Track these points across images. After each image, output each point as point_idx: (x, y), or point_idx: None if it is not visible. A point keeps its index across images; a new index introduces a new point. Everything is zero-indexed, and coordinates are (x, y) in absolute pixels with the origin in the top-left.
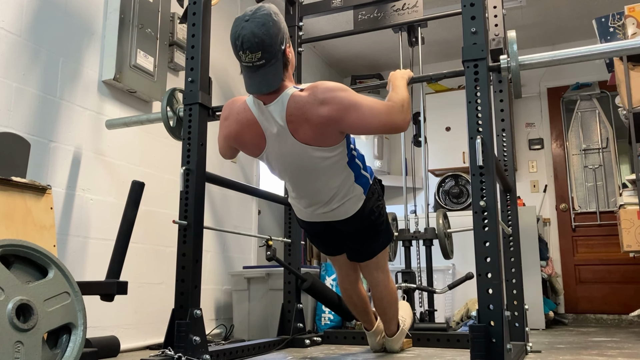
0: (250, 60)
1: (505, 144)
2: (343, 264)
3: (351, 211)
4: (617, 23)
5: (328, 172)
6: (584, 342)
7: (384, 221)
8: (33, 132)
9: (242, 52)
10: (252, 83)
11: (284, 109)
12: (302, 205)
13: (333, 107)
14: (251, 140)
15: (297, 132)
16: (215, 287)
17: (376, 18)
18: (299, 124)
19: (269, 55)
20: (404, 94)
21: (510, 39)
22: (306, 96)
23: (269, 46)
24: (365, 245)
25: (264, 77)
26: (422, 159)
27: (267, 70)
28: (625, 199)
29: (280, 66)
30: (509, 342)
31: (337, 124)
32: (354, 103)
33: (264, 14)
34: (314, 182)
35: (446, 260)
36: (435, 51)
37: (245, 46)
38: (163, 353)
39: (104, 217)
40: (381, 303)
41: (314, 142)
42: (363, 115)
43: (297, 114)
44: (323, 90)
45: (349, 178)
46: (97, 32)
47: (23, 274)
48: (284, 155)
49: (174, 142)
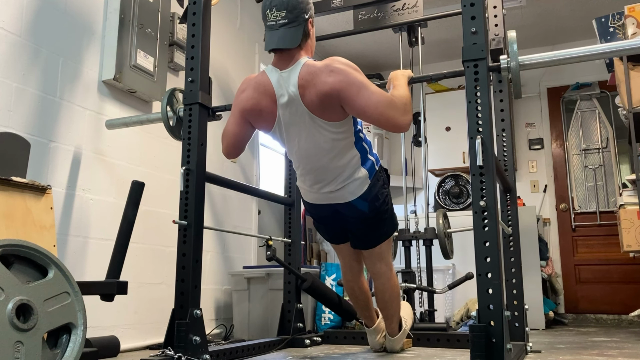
0: (275, 19)
1: (505, 144)
2: (347, 254)
3: (356, 193)
4: (617, 23)
5: (334, 149)
6: (584, 342)
7: (388, 209)
8: (33, 132)
9: (269, 11)
10: (271, 39)
11: (297, 74)
12: (307, 184)
13: (338, 78)
14: (266, 108)
15: (304, 97)
16: (215, 287)
17: (376, 18)
18: (307, 88)
19: (292, 16)
20: (405, 93)
21: (510, 39)
22: (320, 66)
23: (294, 8)
24: (369, 232)
25: (283, 34)
26: (422, 159)
27: (288, 29)
28: (625, 199)
29: (301, 31)
30: (509, 342)
31: (338, 96)
32: (359, 82)
33: None
34: (320, 159)
35: (446, 260)
36: (435, 51)
37: (274, 4)
38: (163, 353)
39: (104, 217)
40: (383, 296)
41: (318, 112)
42: (363, 96)
43: (308, 79)
44: (336, 62)
45: (354, 159)
46: (97, 32)
47: (23, 274)
48: (294, 125)
49: (174, 142)
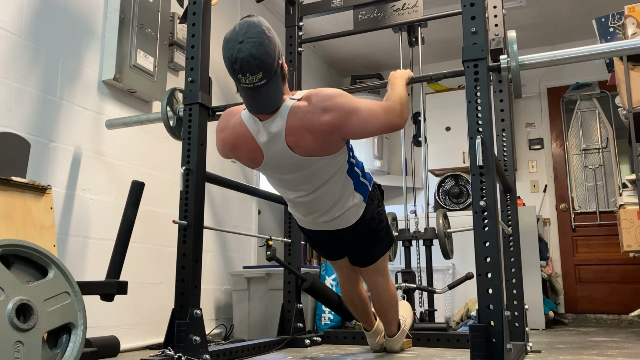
0: (251, 82)
1: (505, 144)
2: (344, 267)
3: (353, 219)
4: (617, 23)
5: (327, 181)
6: (584, 342)
7: (384, 227)
8: (33, 132)
9: (242, 75)
10: (254, 104)
11: (284, 122)
12: (300, 213)
13: (335, 114)
14: (248, 154)
15: (296, 145)
16: (215, 287)
17: (376, 18)
18: (300, 135)
19: (269, 75)
20: (401, 92)
21: (510, 39)
22: (306, 106)
23: (269, 65)
24: (367, 251)
25: (266, 96)
26: (422, 159)
27: (269, 89)
28: (625, 199)
29: (280, 82)
30: (509, 342)
31: (339, 130)
32: (354, 108)
33: (258, 32)
34: (313, 192)
35: (446, 260)
36: (435, 51)
37: (245, 69)
38: (163, 353)
39: (104, 217)
40: (380, 306)
41: (316, 152)
42: (363, 119)
43: (298, 125)
44: (324, 97)
45: (347, 186)
46: (97, 32)
47: (23, 274)
48: (282, 167)
49: (174, 142)
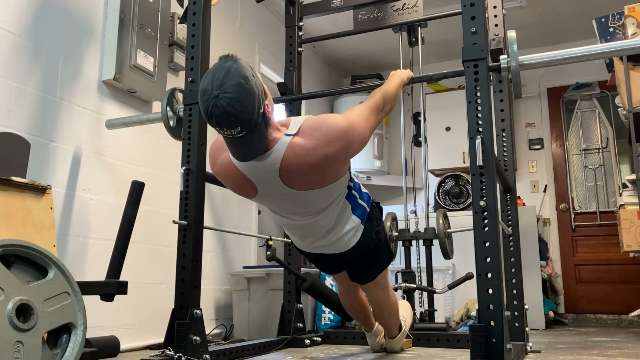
0: (230, 134)
1: (505, 144)
2: (344, 279)
3: (350, 244)
4: (617, 23)
5: (325, 208)
6: (584, 342)
7: (383, 245)
8: (33, 132)
9: (219, 128)
10: (237, 151)
11: (279, 160)
12: (296, 236)
13: (341, 141)
14: (240, 190)
15: (294, 181)
16: (215, 287)
17: (376, 18)
18: (300, 172)
19: (249, 127)
20: (388, 88)
21: (510, 39)
22: (307, 142)
23: (247, 120)
24: (366, 270)
25: (249, 145)
26: (422, 159)
27: (251, 138)
28: (625, 199)
29: (263, 128)
30: (509, 342)
31: (346, 153)
32: (352, 124)
33: (234, 85)
34: (309, 219)
35: (446, 260)
36: (435, 51)
37: (223, 125)
38: (163, 353)
39: (104, 217)
40: (381, 315)
41: (318, 184)
42: (362, 130)
43: (300, 163)
44: (326, 131)
45: (345, 210)
46: (97, 32)
47: (23, 274)
48: (278, 201)
49: (174, 142)
